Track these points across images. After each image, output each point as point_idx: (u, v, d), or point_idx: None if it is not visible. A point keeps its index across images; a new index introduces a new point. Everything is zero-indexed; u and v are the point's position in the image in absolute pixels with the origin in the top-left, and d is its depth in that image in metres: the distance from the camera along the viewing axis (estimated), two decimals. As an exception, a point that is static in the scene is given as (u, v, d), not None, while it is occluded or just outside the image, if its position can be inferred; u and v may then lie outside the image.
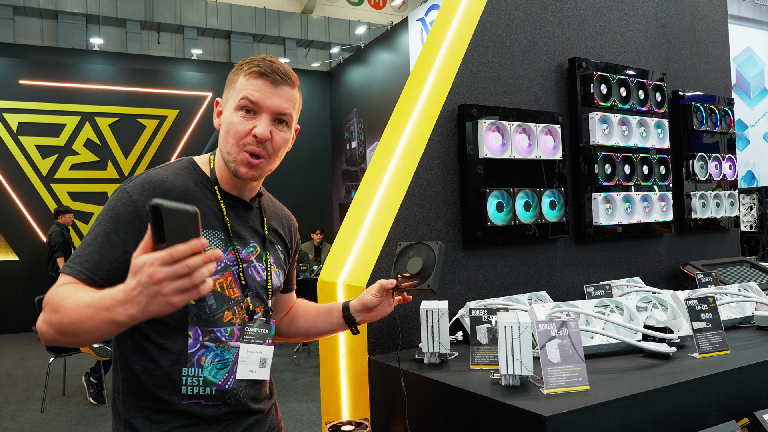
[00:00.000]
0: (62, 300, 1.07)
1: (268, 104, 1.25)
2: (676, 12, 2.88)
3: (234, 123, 1.24)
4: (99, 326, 0.99)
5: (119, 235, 1.17)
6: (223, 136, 1.27)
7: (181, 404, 1.22)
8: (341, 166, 12.08)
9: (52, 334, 1.07)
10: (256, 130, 1.23)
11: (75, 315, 1.02)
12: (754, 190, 7.43)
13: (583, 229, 2.42)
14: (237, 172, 1.25)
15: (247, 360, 1.28)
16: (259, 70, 1.25)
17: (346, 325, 1.50)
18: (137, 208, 1.18)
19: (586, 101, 2.43)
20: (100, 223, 1.19)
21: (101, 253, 1.16)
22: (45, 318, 1.09)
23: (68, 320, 1.03)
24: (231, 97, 1.27)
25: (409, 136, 2.12)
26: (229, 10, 14.68)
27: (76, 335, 1.04)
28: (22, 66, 9.82)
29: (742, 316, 2.04)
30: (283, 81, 1.27)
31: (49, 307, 1.08)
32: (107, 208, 1.20)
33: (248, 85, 1.25)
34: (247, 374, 1.28)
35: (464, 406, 1.43)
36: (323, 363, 2.05)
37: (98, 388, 5.26)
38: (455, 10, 2.28)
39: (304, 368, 6.26)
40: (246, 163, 1.24)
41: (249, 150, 1.24)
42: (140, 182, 1.23)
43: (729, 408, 1.49)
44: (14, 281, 9.31)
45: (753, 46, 9.62)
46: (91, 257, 1.15)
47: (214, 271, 0.95)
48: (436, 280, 1.43)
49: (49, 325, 1.07)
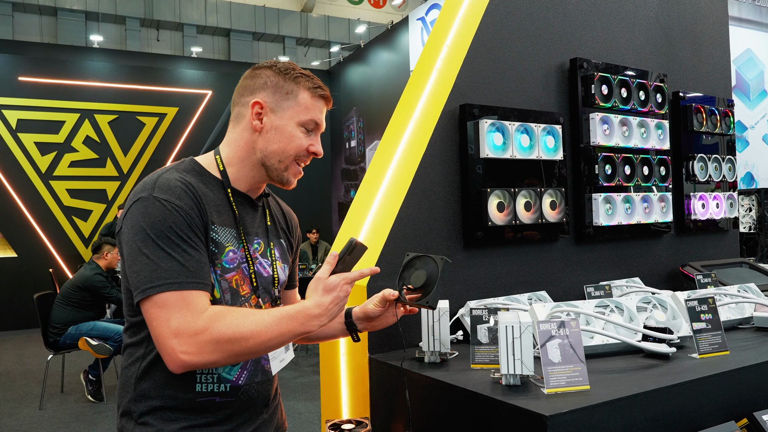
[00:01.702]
0: (240, 328, 1.13)
1: (323, 127, 1.37)
2: (677, 13, 2.88)
3: (297, 138, 1.31)
4: (287, 340, 1.19)
5: (192, 241, 1.17)
6: (279, 144, 1.29)
7: (195, 401, 1.22)
8: (340, 164, 12.08)
9: (215, 358, 1.13)
10: (317, 149, 1.34)
11: (265, 337, 1.15)
12: (753, 192, 7.44)
13: (583, 229, 2.43)
14: (288, 182, 1.35)
15: (276, 354, 1.34)
16: (324, 94, 1.34)
17: (347, 332, 1.50)
18: (184, 212, 1.18)
19: (587, 102, 2.43)
20: (168, 237, 1.15)
21: (195, 261, 1.16)
22: (211, 340, 1.11)
23: (256, 347, 1.15)
24: (290, 109, 1.30)
25: (411, 136, 2.12)
26: (229, 8, 14.67)
27: (252, 354, 1.17)
28: (21, 63, 9.80)
29: (742, 317, 2.04)
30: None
31: (221, 331, 1.12)
32: (157, 221, 1.15)
33: (315, 107, 1.33)
34: (279, 365, 1.36)
35: (465, 405, 1.43)
36: (323, 361, 2.05)
37: (97, 385, 5.26)
38: (457, 10, 2.28)
39: (303, 367, 6.26)
40: (297, 173, 1.35)
41: (303, 163, 1.35)
42: (168, 187, 1.19)
43: (728, 408, 1.49)
44: (12, 278, 9.30)
45: (753, 47, 9.64)
46: (190, 268, 1.15)
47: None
48: (436, 297, 1.42)
49: (223, 354, 1.12)
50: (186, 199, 1.19)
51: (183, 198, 1.19)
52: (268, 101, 1.30)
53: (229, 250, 1.26)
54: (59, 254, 9.71)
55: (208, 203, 1.24)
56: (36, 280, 8.77)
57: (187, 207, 1.19)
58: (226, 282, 1.25)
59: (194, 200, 1.21)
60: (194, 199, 1.21)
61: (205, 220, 1.22)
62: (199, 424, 1.22)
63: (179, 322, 1.10)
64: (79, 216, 9.88)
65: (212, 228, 1.23)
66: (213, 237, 1.23)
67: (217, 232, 1.24)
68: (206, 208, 1.23)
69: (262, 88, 1.30)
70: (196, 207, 1.20)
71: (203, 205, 1.22)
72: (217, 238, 1.24)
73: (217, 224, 1.25)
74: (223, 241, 1.25)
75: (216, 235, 1.24)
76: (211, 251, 1.23)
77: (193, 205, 1.20)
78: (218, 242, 1.24)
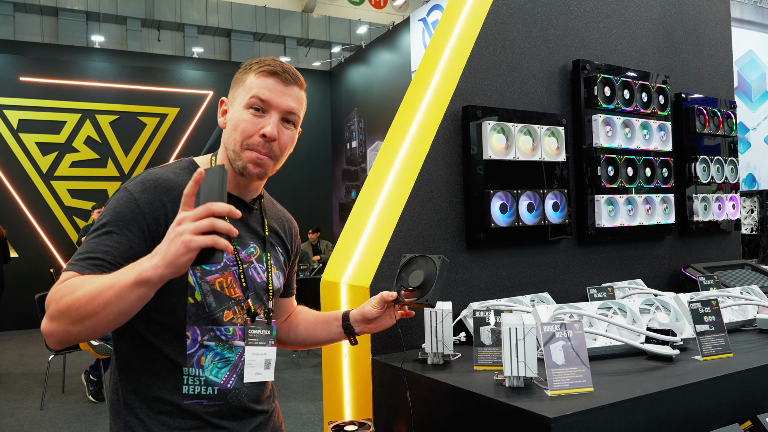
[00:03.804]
0: (72, 286, 1.04)
1: (279, 103, 1.25)
2: (680, 15, 2.88)
3: (243, 121, 1.24)
4: (121, 294, 0.98)
5: (123, 233, 1.16)
6: (230, 133, 1.26)
7: (182, 404, 1.21)
8: (341, 165, 12.08)
9: (63, 326, 1.03)
10: (265, 129, 1.23)
11: (93, 290, 1.00)
12: (755, 193, 7.44)
13: (585, 230, 2.42)
14: (244, 170, 1.25)
15: (253, 363, 1.28)
16: (270, 69, 1.25)
17: (345, 335, 1.49)
18: (139, 205, 1.18)
19: (590, 103, 2.43)
20: (103, 224, 1.18)
21: (105, 250, 1.14)
22: (51, 312, 1.04)
23: (84, 299, 1.00)
24: (239, 95, 1.27)
25: (413, 137, 2.12)
26: (230, 8, 14.68)
27: (91, 315, 1.00)
28: (22, 63, 9.81)
29: (744, 319, 2.04)
30: (293, 81, 1.27)
31: (55, 299, 1.04)
32: (109, 208, 1.20)
33: (259, 84, 1.24)
34: (254, 377, 1.28)
35: (468, 407, 1.43)
36: (326, 363, 2.05)
37: (98, 385, 5.26)
38: (460, 11, 2.28)
39: (304, 367, 6.26)
40: (252, 159, 1.24)
41: (256, 150, 1.24)
42: (140, 180, 1.23)
43: (732, 411, 1.49)
44: (13, 278, 9.29)
45: (755, 49, 9.64)
46: (95, 254, 1.14)
47: (235, 234, 0.99)
48: (435, 295, 1.41)
49: (59, 314, 1.03)
50: (148, 194, 1.19)
51: (146, 192, 1.20)
52: (229, 97, 1.31)
53: None
54: (60, 254, 9.73)
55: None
56: (37, 280, 8.79)
57: (144, 201, 1.18)
58: (207, 284, 1.23)
59: (159, 197, 1.20)
60: (159, 196, 1.20)
61: (166, 218, 1.19)
62: (187, 427, 1.21)
63: (48, 297, 1.08)
64: (80, 216, 9.89)
65: None
66: None
67: None
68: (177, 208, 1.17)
69: (230, 86, 1.32)
70: (156, 202, 1.19)
71: (170, 204, 1.20)
72: None
73: None
74: None
75: None
76: None
77: (154, 200, 1.19)
78: None
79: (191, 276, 1.21)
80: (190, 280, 1.21)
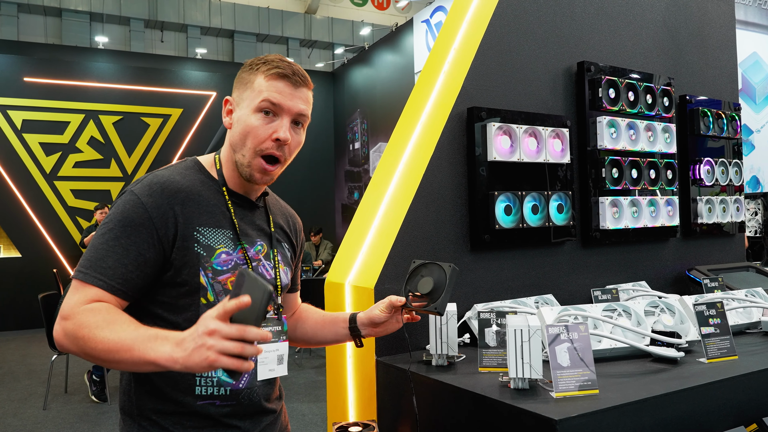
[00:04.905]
0: (95, 320, 1.06)
1: (290, 106, 1.24)
2: (684, 17, 2.88)
3: (254, 126, 1.23)
4: (136, 362, 1.00)
5: (131, 239, 1.16)
6: (238, 137, 1.25)
7: (195, 405, 1.21)
8: (344, 166, 12.09)
9: (74, 349, 1.08)
10: (279, 134, 1.22)
11: (111, 343, 1.02)
12: (759, 196, 7.42)
13: (590, 232, 2.42)
14: (251, 178, 1.26)
15: (266, 360, 1.29)
16: (280, 72, 1.24)
17: (351, 337, 1.49)
18: (147, 210, 1.17)
19: (594, 105, 2.43)
20: (111, 229, 1.17)
21: (115, 258, 1.14)
22: (69, 330, 1.07)
23: (101, 345, 1.03)
24: (248, 97, 1.25)
25: (418, 138, 2.12)
26: (233, 9, 14.70)
27: (103, 360, 1.04)
28: (26, 63, 9.83)
29: (749, 321, 2.04)
30: (302, 83, 1.27)
31: (78, 321, 1.07)
32: (116, 212, 1.18)
33: (269, 87, 1.23)
34: (267, 373, 1.29)
35: (473, 408, 1.43)
36: (330, 364, 2.05)
37: (101, 386, 5.27)
38: (464, 13, 2.29)
39: (306, 368, 6.26)
40: (261, 169, 1.24)
41: (268, 153, 1.24)
42: (147, 183, 1.21)
43: (737, 413, 1.49)
44: (16, 278, 9.33)
45: (759, 51, 9.62)
46: (105, 262, 1.14)
47: (261, 352, 0.97)
48: (444, 303, 1.41)
49: (75, 338, 1.06)
50: (155, 197, 1.19)
51: (154, 196, 1.19)
52: (235, 97, 1.29)
53: (222, 251, 1.23)
54: (63, 254, 9.74)
55: (194, 205, 1.23)
56: (40, 280, 8.80)
57: (152, 205, 1.18)
58: (219, 284, 1.22)
59: (167, 200, 1.19)
60: (167, 199, 1.20)
61: (175, 222, 1.19)
62: (200, 426, 1.21)
63: (66, 304, 1.11)
64: (83, 216, 9.90)
65: (197, 230, 1.21)
66: (198, 239, 1.21)
67: (203, 234, 1.22)
68: (186, 210, 1.21)
69: (234, 86, 1.30)
70: (165, 206, 1.19)
71: (178, 207, 1.20)
72: (204, 240, 1.21)
73: (206, 226, 1.22)
74: (212, 243, 1.22)
75: (202, 237, 1.22)
76: (199, 254, 1.20)
77: (162, 204, 1.19)
78: (206, 244, 1.22)
79: (203, 277, 1.21)
80: (203, 281, 1.21)
